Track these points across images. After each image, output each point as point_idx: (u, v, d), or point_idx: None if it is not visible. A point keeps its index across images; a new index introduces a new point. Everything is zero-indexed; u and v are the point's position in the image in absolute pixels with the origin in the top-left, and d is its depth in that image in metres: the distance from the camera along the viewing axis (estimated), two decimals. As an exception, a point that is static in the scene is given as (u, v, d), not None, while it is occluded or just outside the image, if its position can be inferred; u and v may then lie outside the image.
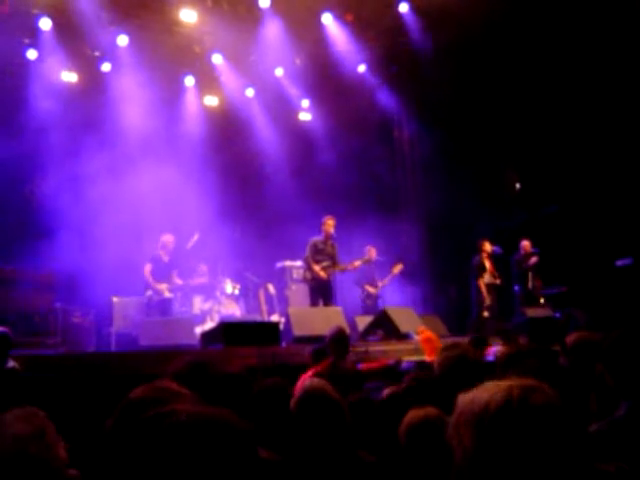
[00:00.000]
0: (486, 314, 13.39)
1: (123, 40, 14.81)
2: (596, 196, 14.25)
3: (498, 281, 13.77)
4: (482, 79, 14.41)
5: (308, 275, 12.25)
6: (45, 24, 13.86)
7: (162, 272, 12.67)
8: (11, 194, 13.06)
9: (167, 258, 12.86)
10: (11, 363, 6.71)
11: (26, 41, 14.15)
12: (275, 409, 3.60)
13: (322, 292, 12.10)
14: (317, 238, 12.36)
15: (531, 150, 14.99)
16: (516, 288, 13.99)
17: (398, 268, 14.10)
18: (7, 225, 13.03)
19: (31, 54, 14.36)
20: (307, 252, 12.28)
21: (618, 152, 13.73)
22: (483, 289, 13.61)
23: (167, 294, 12.64)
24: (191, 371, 3.78)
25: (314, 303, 12.03)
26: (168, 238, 12.93)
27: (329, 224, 12.36)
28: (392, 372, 7.27)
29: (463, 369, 4.03)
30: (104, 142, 15.48)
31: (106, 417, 3.04)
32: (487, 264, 13.77)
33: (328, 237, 12.39)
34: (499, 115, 14.67)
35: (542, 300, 13.70)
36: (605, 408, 3.84)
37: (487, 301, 13.52)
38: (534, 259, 13.76)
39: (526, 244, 13.94)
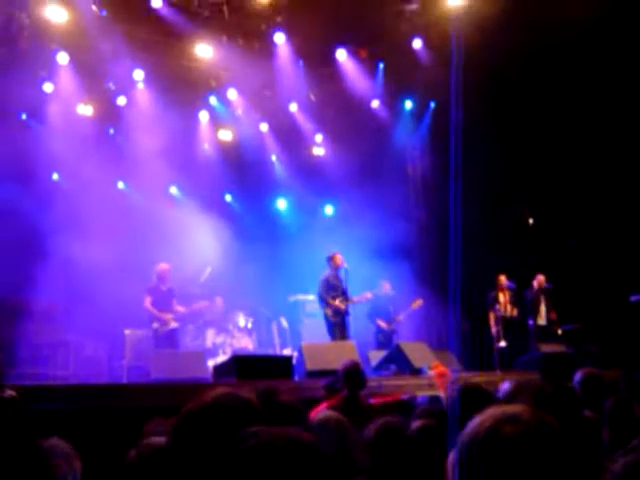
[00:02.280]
0: (503, 344, 13.35)
1: (139, 74, 14.95)
2: (610, 231, 14.19)
3: (515, 313, 13.73)
4: (494, 114, 14.42)
5: (329, 312, 12.12)
6: (62, 58, 14.02)
7: (163, 302, 12.42)
8: (20, 225, 13.09)
9: (165, 287, 12.59)
10: (8, 392, 6.65)
11: (43, 74, 14.29)
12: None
13: (342, 327, 12.04)
14: (328, 274, 12.29)
15: (545, 185, 14.95)
16: (530, 323, 13.89)
17: (418, 304, 13.99)
18: (18, 256, 13.07)
19: (47, 87, 14.49)
20: (321, 290, 12.18)
21: (631, 188, 13.69)
22: (491, 321, 13.65)
23: (173, 324, 12.44)
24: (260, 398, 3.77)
25: (336, 338, 11.95)
26: (163, 267, 12.65)
27: (338, 258, 12.32)
28: (406, 407, 7.19)
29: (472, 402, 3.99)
30: (117, 174, 15.62)
31: (117, 448, 3.02)
32: (501, 298, 13.74)
33: (337, 272, 12.35)
34: (512, 150, 14.64)
35: (560, 331, 13.62)
36: (618, 442, 3.79)
37: (494, 332, 13.53)
38: (546, 285, 13.76)
39: (541, 278, 13.87)
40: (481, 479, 1.49)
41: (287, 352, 13.59)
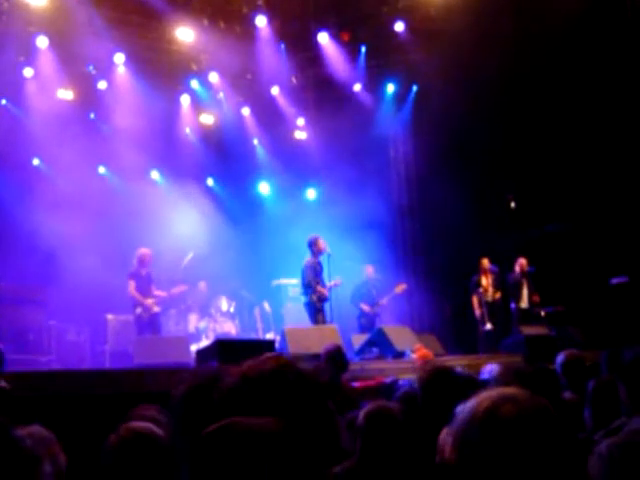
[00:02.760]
0: (489, 326, 13.42)
1: (119, 58, 14.85)
2: (591, 215, 14.27)
3: (497, 295, 13.80)
4: (478, 97, 14.42)
5: (314, 298, 12.06)
6: (42, 42, 13.89)
7: (144, 287, 12.34)
8: (1, 211, 13.02)
9: (145, 272, 12.49)
10: (2, 383, 6.63)
11: (22, 59, 14.15)
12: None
13: (323, 313, 12.02)
14: (311, 259, 12.22)
15: (526, 169, 14.99)
16: (512, 306, 13.97)
17: (401, 288, 14.02)
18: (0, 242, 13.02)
19: (27, 72, 14.36)
20: (308, 276, 12.08)
21: (612, 170, 13.76)
22: (475, 304, 13.71)
23: (155, 308, 12.37)
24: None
25: (317, 323, 11.93)
26: (144, 251, 12.52)
27: (321, 242, 12.23)
28: (388, 390, 7.22)
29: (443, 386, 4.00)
30: (98, 160, 15.52)
31: (101, 434, 3.01)
32: (484, 281, 13.79)
33: (319, 257, 12.28)
34: (495, 133, 14.67)
35: (543, 313, 13.69)
36: (600, 423, 3.83)
37: (477, 313, 13.61)
38: (528, 268, 13.81)
39: (522, 262, 13.92)
40: (481, 459, 1.51)
41: (270, 336, 13.59)
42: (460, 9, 13.87)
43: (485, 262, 13.90)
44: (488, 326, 13.48)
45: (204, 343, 12.56)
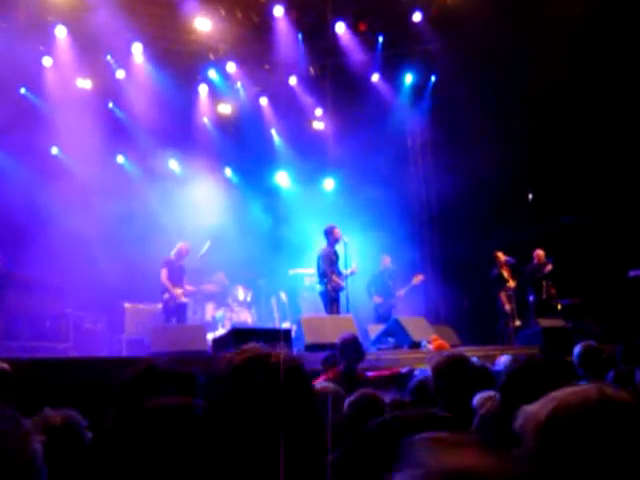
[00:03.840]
0: (518, 323, 13.38)
1: (137, 47, 14.88)
2: (609, 207, 14.18)
3: (514, 285, 13.74)
4: (495, 87, 14.37)
5: (330, 287, 12.03)
6: (61, 32, 13.95)
7: (175, 277, 12.78)
8: (20, 199, 13.08)
9: (179, 264, 12.95)
10: (2, 365, 6.66)
11: (41, 48, 14.21)
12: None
13: (338, 302, 12.01)
14: (327, 249, 12.20)
15: (544, 160, 14.91)
16: (530, 298, 13.90)
17: (418, 279, 14.03)
18: (18, 229, 13.09)
19: (46, 61, 14.42)
20: (324, 265, 12.05)
21: (632, 163, 13.66)
22: (504, 300, 13.59)
23: (183, 299, 12.73)
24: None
25: (333, 312, 11.92)
26: (184, 246, 13.07)
27: (337, 232, 12.23)
28: (404, 380, 7.21)
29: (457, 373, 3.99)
30: (116, 149, 15.58)
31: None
32: (505, 274, 13.72)
33: (335, 246, 12.27)
34: (513, 123, 14.59)
35: (559, 307, 13.62)
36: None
37: (508, 309, 13.52)
38: (549, 267, 13.67)
39: (540, 253, 13.84)
40: (580, 454, 1.50)
41: (286, 326, 13.61)
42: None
43: (500, 255, 13.81)
44: (517, 322, 13.42)
45: (220, 332, 12.61)
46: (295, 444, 1.72)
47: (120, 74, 15.32)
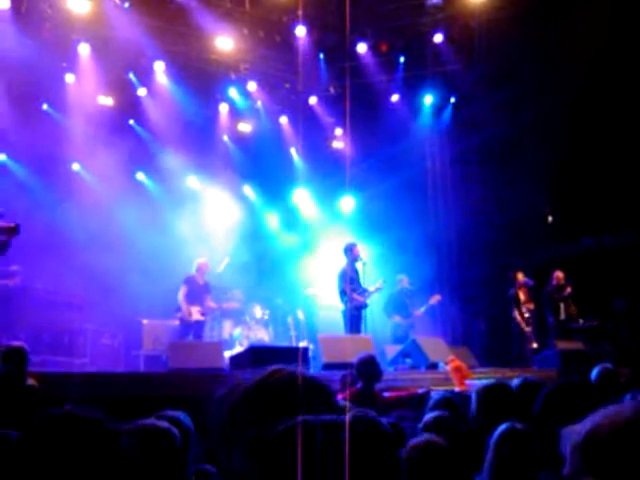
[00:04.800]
0: (535, 345, 13.31)
1: (159, 66, 15.00)
2: (627, 228, 14.12)
3: (532, 306, 13.68)
4: (516, 109, 14.37)
5: (351, 305, 12.01)
6: (84, 49, 14.09)
7: (197, 295, 12.82)
8: (40, 216, 13.16)
9: (202, 281, 13.02)
10: (29, 381, 6.72)
11: (64, 65, 14.35)
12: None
13: (358, 320, 11.99)
14: (347, 267, 12.22)
15: (564, 182, 14.87)
16: (549, 319, 13.84)
17: (436, 299, 13.98)
18: (39, 246, 13.18)
19: (69, 78, 14.55)
20: (342, 284, 12.06)
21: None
22: (519, 320, 13.53)
23: (198, 317, 12.74)
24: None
25: (352, 332, 11.89)
26: (202, 261, 13.12)
27: (356, 250, 12.28)
28: (421, 401, 7.19)
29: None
30: (136, 166, 15.68)
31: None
32: (522, 295, 13.68)
33: (354, 264, 12.28)
34: (533, 144, 14.58)
35: (581, 321, 13.50)
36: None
37: (527, 331, 13.45)
38: (568, 289, 13.61)
39: (559, 275, 13.79)
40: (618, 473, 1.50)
41: (303, 344, 13.60)
42: (499, 21, 13.84)
43: (520, 276, 13.81)
44: (535, 345, 13.36)
45: (238, 350, 12.61)
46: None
47: (142, 92, 15.43)
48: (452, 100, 16.76)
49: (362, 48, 15.52)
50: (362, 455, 1.41)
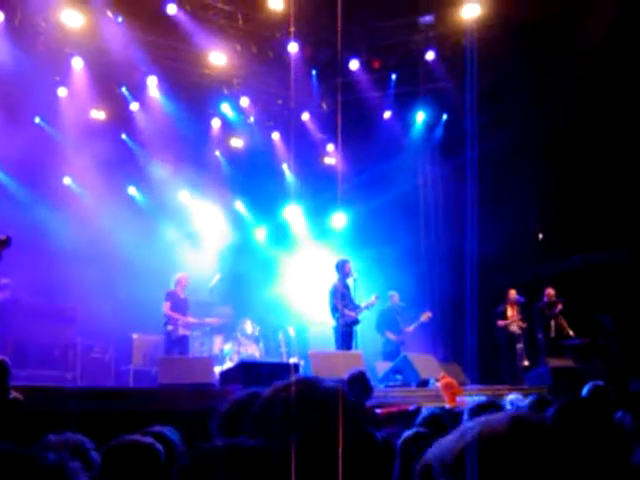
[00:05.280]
0: (526, 362, 13.30)
1: (152, 80, 15.02)
2: (618, 245, 14.17)
3: (523, 325, 13.69)
4: (508, 128, 14.42)
5: (342, 322, 12.01)
6: (77, 63, 14.10)
7: (180, 309, 12.84)
8: (31, 228, 13.12)
9: (183, 295, 13.06)
10: (13, 394, 6.66)
11: (57, 78, 14.35)
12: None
13: (349, 337, 11.97)
14: (337, 282, 12.22)
15: (555, 200, 14.93)
16: (539, 336, 13.85)
17: (427, 316, 13.96)
18: (29, 258, 13.13)
19: (62, 91, 14.55)
20: (334, 300, 12.06)
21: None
22: (503, 325, 13.63)
23: (184, 331, 12.83)
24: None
25: (343, 348, 11.86)
26: (182, 275, 13.16)
27: (348, 266, 12.30)
28: (411, 418, 7.17)
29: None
30: (128, 180, 15.67)
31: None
32: (510, 312, 13.70)
33: (346, 280, 12.29)
34: (524, 163, 14.64)
35: (572, 332, 13.49)
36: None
37: (518, 347, 13.46)
38: (559, 306, 13.63)
39: (550, 292, 13.82)
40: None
41: (294, 360, 13.56)
42: (490, 39, 13.91)
43: (512, 293, 13.85)
44: (526, 362, 13.36)
45: (228, 365, 12.57)
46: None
47: (134, 106, 15.44)
48: (444, 117, 16.83)
49: (354, 65, 15.58)
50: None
